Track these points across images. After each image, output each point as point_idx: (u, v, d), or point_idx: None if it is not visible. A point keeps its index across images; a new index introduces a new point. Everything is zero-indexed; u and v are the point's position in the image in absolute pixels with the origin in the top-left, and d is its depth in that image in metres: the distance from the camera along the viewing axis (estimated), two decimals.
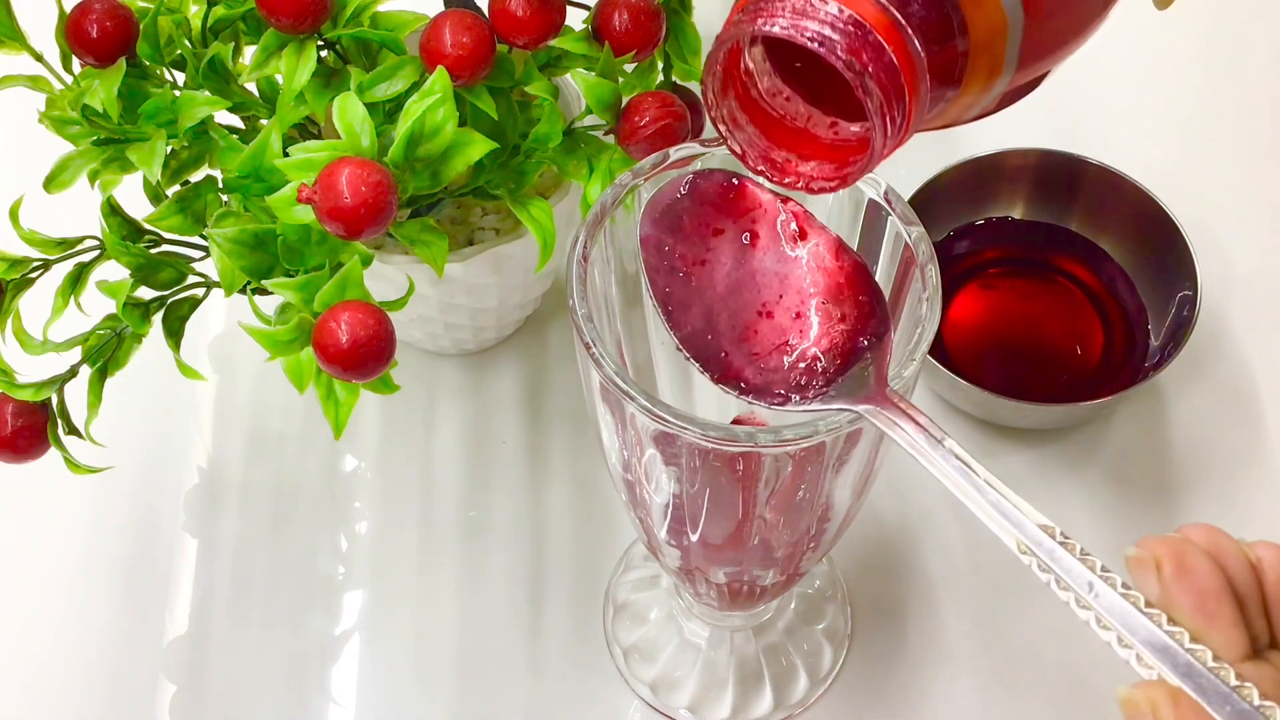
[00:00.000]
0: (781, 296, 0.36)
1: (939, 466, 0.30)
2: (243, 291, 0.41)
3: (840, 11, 0.29)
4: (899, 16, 0.29)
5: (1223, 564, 0.28)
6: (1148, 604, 0.28)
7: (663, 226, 0.36)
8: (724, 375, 0.35)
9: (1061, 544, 0.29)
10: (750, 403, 0.35)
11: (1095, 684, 0.50)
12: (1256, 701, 0.26)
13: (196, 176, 0.45)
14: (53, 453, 0.44)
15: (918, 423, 0.31)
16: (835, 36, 0.29)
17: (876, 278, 0.37)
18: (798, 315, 0.36)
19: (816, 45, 0.29)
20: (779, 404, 0.35)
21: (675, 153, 0.37)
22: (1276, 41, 0.70)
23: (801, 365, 0.35)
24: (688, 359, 0.35)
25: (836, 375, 0.35)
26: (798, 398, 0.35)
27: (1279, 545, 0.29)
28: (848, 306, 0.36)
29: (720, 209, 0.36)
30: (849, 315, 0.36)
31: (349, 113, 0.38)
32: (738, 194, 0.36)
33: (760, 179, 0.34)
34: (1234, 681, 0.26)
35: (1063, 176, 0.58)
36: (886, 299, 0.36)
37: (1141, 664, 0.27)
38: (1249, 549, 0.29)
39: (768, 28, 0.29)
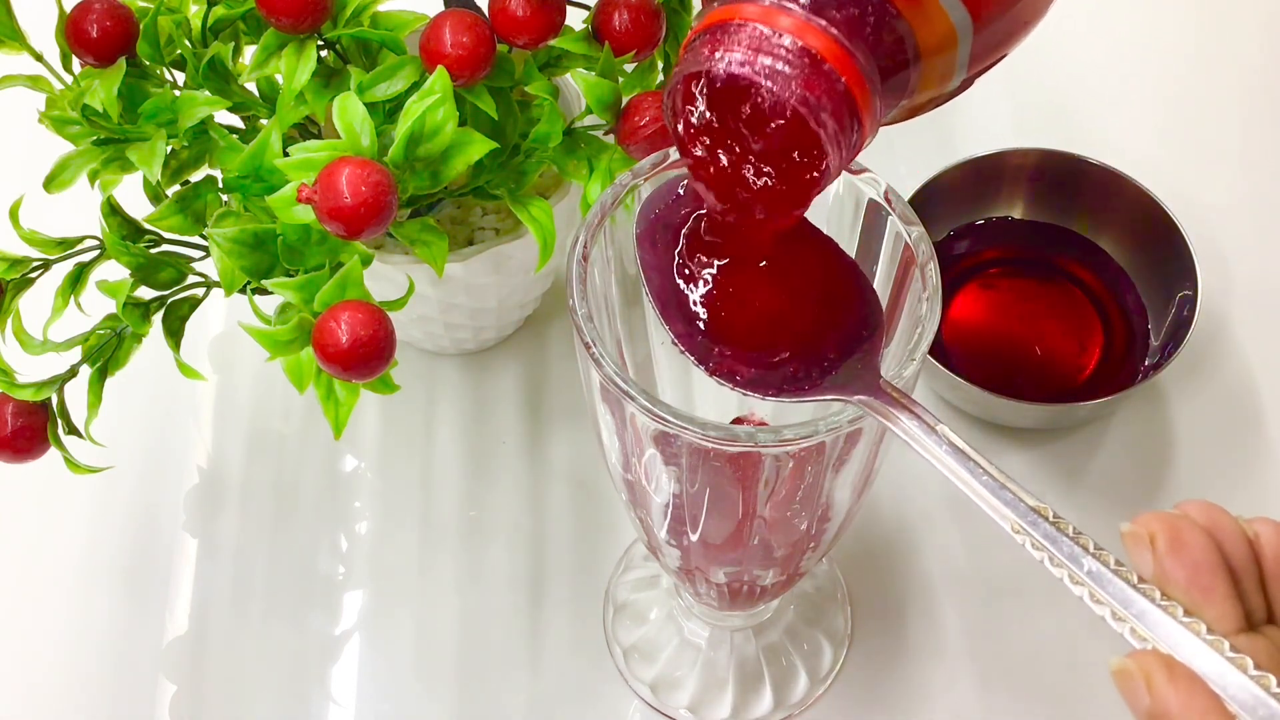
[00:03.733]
0: (775, 294, 0.36)
1: (933, 452, 0.31)
2: (243, 291, 0.41)
3: (793, 44, 0.30)
4: (849, 45, 0.30)
5: (1219, 539, 0.29)
6: (1141, 579, 0.28)
7: (657, 225, 0.36)
8: (719, 369, 0.35)
9: (1054, 524, 0.29)
10: (746, 394, 0.35)
11: (1095, 684, 0.50)
12: (1251, 671, 0.26)
13: (196, 176, 0.45)
14: (53, 453, 0.44)
15: (912, 410, 0.31)
16: (788, 70, 0.29)
17: (876, 278, 0.37)
18: (791, 312, 0.36)
19: (769, 82, 0.30)
20: (774, 396, 0.35)
21: (675, 152, 0.37)
22: (1277, 41, 0.70)
23: (796, 360, 0.35)
24: (683, 353, 0.35)
25: (831, 369, 0.35)
26: (792, 390, 0.35)
27: (1277, 521, 0.29)
28: (841, 303, 0.36)
29: (710, 219, 0.36)
30: (842, 311, 0.36)
31: (349, 113, 0.38)
32: None
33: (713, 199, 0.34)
34: (1229, 653, 0.26)
35: (1063, 176, 0.58)
36: (884, 299, 0.37)
37: (1135, 637, 0.27)
38: (1247, 525, 0.29)
39: (723, 65, 0.30)
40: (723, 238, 0.36)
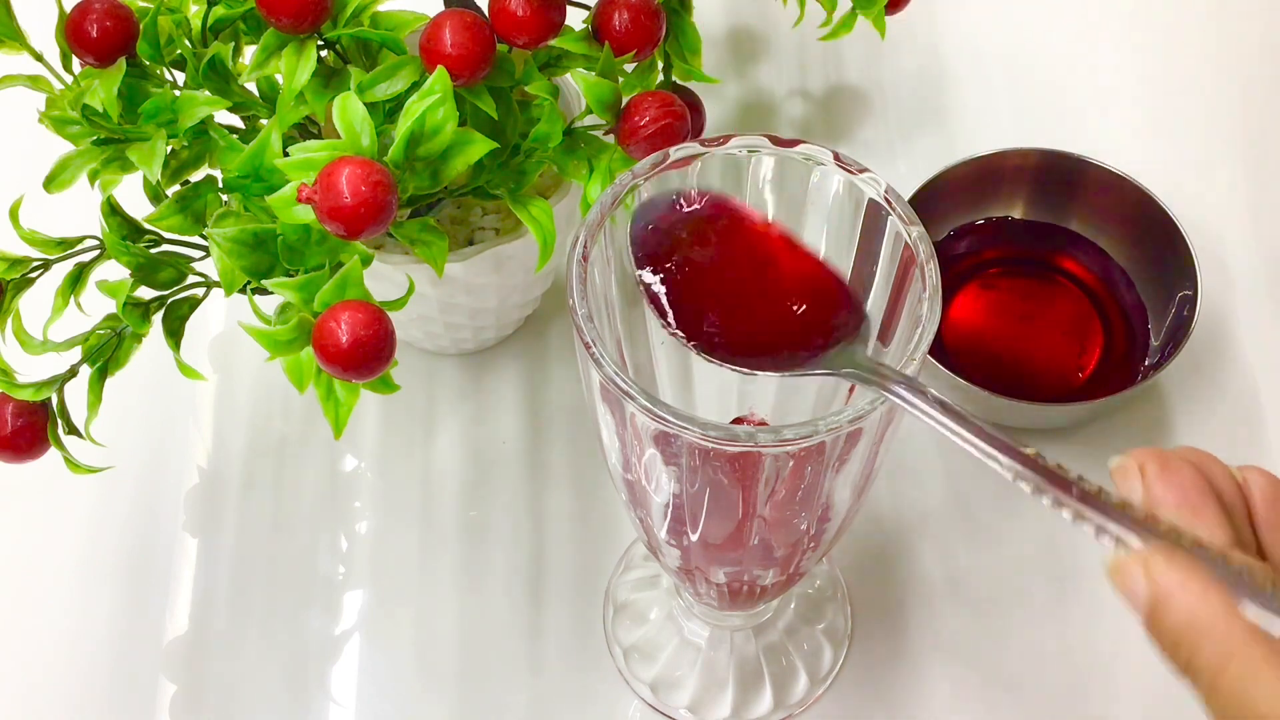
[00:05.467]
0: (762, 299, 0.37)
1: (923, 410, 0.31)
2: (243, 291, 0.41)
3: None
4: None
5: (1209, 477, 0.28)
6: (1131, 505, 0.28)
7: (650, 235, 0.37)
8: (710, 353, 0.36)
9: (1039, 459, 0.29)
10: (735, 370, 0.36)
11: (1094, 683, 0.50)
12: (1239, 561, 0.26)
13: (196, 176, 0.45)
14: (53, 453, 0.44)
15: (902, 377, 0.32)
16: None
17: (876, 278, 0.37)
18: (781, 310, 0.37)
19: None
20: (769, 371, 0.36)
21: (675, 153, 0.37)
22: (1277, 41, 0.70)
23: (784, 354, 0.36)
24: (673, 334, 0.36)
25: (818, 354, 0.36)
26: (787, 368, 0.36)
27: (1266, 470, 0.29)
28: (825, 309, 0.37)
29: (705, 224, 0.37)
30: (826, 315, 0.37)
31: (349, 113, 0.38)
32: (723, 214, 0.37)
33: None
34: (1220, 560, 0.26)
35: (1063, 176, 0.58)
36: (884, 299, 0.37)
37: (1123, 545, 0.27)
38: (1237, 471, 0.29)
39: None
40: (712, 253, 0.37)
